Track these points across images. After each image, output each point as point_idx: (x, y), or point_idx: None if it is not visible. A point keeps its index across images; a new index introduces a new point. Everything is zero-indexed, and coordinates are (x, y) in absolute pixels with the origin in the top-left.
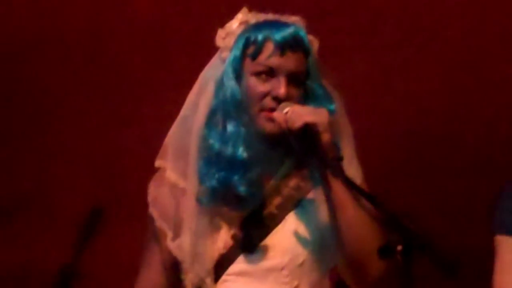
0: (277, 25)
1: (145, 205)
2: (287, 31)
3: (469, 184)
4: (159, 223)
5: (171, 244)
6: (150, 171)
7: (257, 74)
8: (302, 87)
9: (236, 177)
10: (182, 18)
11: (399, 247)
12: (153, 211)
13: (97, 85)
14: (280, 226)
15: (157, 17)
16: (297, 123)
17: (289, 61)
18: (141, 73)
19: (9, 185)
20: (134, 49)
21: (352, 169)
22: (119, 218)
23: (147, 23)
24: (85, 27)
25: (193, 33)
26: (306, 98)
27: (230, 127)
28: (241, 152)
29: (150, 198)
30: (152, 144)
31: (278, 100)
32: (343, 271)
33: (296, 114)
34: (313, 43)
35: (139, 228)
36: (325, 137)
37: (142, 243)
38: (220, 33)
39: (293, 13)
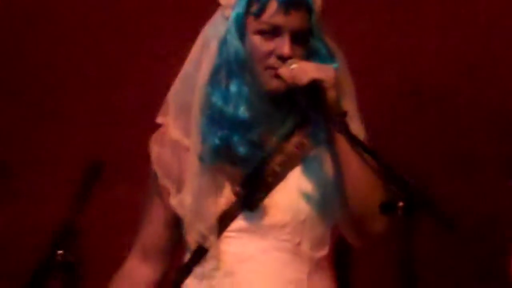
0: None
1: (144, 160)
2: None
3: (474, 144)
4: (162, 180)
5: (173, 201)
6: (149, 127)
7: (261, 32)
8: (306, 45)
9: (236, 137)
10: None
11: (400, 203)
12: (157, 168)
13: (95, 43)
14: (282, 184)
15: None
16: (304, 79)
17: (293, 19)
18: (137, 28)
19: (7, 141)
20: (131, 6)
21: (355, 126)
22: (118, 174)
23: None
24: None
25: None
26: (309, 56)
27: (233, 86)
28: (242, 111)
29: (153, 155)
30: (151, 100)
31: (283, 59)
32: (345, 228)
33: (303, 70)
34: (316, 1)
35: (138, 183)
36: (331, 93)
37: (142, 199)
38: None
39: None
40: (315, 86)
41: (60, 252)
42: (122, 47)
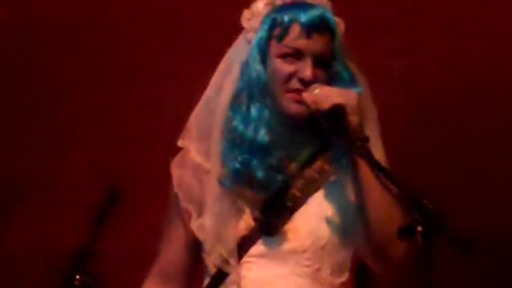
0: (304, 7)
1: (162, 185)
2: (314, 13)
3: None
4: (184, 203)
5: (193, 224)
6: (167, 151)
7: (283, 56)
8: (328, 70)
9: (255, 161)
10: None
11: (419, 228)
12: (178, 191)
13: (114, 64)
14: (302, 209)
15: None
16: (327, 103)
17: (316, 43)
18: (156, 52)
19: (26, 166)
20: (149, 28)
21: (377, 152)
22: (136, 198)
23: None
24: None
25: (212, 14)
26: (332, 80)
27: (253, 110)
28: (262, 135)
29: (174, 178)
30: (169, 124)
31: (304, 83)
32: (366, 254)
33: (325, 95)
34: (339, 25)
35: (156, 208)
36: (354, 118)
37: (160, 223)
38: (246, 14)
39: None
40: (338, 111)
41: (78, 276)
42: (138, 70)
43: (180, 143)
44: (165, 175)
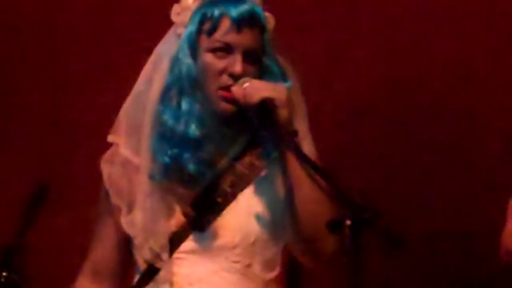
0: (234, 1)
1: (90, 180)
2: (244, 7)
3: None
4: (114, 199)
5: (123, 220)
6: (97, 147)
7: (213, 50)
8: (258, 64)
9: (186, 155)
10: None
11: (348, 222)
12: (108, 187)
13: (41, 60)
14: (232, 205)
15: None
16: (255, 97)
17: (246, 38)
18: (87, 49)
19: None
20: (81, 24)
21: (306, 145)
22: (65, 194)
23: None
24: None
25: (144, 8)
26: (262, 75)
27: (184, 104)
28: (193, 130)
29: (104, 174)
30: (98, 119)
31: (235, 77)
32: (296, 249)
33: (255, 89)
34: (269, 20)
35: (84, 204)
36: (283, 112)
37: (88, 219)
38: (175, 8)
39: None
40: (267, 105)
41: (4, 273)
42: (69, 66)
43: (110, 138)
44: (94, 171)
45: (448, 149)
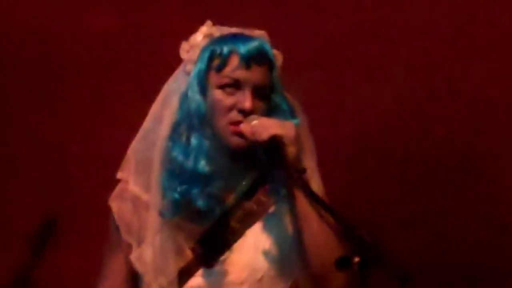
0: (242, 38)
1: (98, 216)
2: (252, 44)
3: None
4: (125, 236)
5: (133, 256)
6: (104, 182)
7: (223, 87)
8: (267, 100)
9: (195, 191)
10: (139, 30)
11: (356, 259)
12: (119, 223)
13: (48, 94)
14: (240, 241)
15: (113, 28)
16: (264, 135)
17: (255, 74)
18: (95, 82)
19: None
20: (89, 58)
21: (314, 182)
22: (72, 230)
23: (104, 34)
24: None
25: (151, 46)
26: (270, 111)
27: (193, 140)
28: (203, 165)
29: (114, 211)
30: (106, 155)
31: (244, 113)
32: (304, 285)
33: (263, 126)
34: (278, 57)
35: (92, 240)
36: (291, 150)
37: (97, 253)
38: (184, 45)
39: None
40: (275, 142)
41: None
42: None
43: (119, 175)
44: (104, 206)
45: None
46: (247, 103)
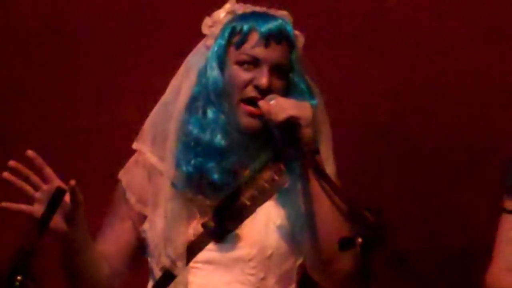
0: (264, 17)
1: (104, 188)
2: (274, 23)
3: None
4: (136, 206)
5: (145, 225)
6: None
7: (241, 63)
8: (285, 80)
9: (211, 164)
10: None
11: (359, 240)
12: (129, 195)
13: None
14: (251, 218)
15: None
16: (281, 115)
17: (273, 52)
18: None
19: None
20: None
21: (328, 165)
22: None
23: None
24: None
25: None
26: (289, 91)
27: (210, 114)
28: (219, 139)
29: (124, 184)
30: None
31: (260, 90)
32: (312, 268)
33: (280, 107)
34: (299, 38)
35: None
36: (307, 131)
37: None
38: (207, 21)
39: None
40: (292, 123)
41: (19, 277)
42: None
43: (135, 145)
44: (111, 178)
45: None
46: (264, 80)
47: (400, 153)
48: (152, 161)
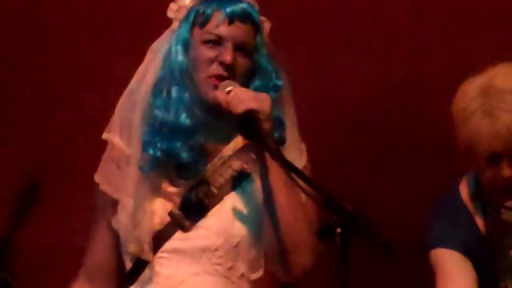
0: (229, 1)
1: (83, 181)
2: (238, 5)
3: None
4: (115, 195)
5: (118, 210)
6: (87, 143)
7: (205, 42)
8: (249, 59)
9: (178, 144)
10: None
11: (338, 229)
12: (105, 188)
13: (41, 57)
14: (218, 206)
15: None
16: (240, 107)
17: (237, 30)
18: (79, 48)
19: None
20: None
21: (295, 151)
22: (56, 190)
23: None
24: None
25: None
26: (254, 72)
27: (174, 94)
28: (184, 118)
29: (100, 176)
30: (89, 117)
31: (225, 66)
32: (270, 259)
33: (239, 99)
34: (265, 23)
35: (76, 203)
36: (266, 125)
37: (80, 218)
38: (172, 6)
39: None
40: (250, 116)
41: None
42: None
43: (104, 135)
44: (88, 171)
45: (440, 158)
46: (228, 56)
47: (393, 147)
48: (120, 146)
